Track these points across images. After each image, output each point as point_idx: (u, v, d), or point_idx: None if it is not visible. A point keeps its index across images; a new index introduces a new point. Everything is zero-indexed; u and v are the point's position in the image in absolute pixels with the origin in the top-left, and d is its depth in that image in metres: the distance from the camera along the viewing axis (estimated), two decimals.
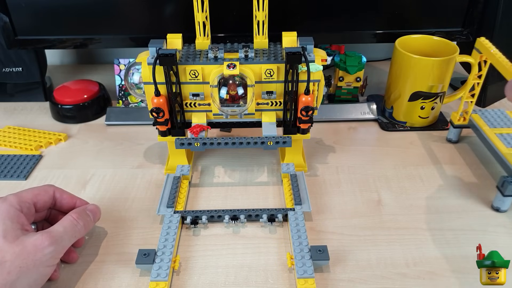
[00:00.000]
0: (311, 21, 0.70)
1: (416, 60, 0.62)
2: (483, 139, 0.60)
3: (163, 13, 0.69)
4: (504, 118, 0.62)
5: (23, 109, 0.79)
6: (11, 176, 0.61)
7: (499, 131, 0.59)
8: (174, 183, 0.56)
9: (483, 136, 0.60)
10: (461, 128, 0.65)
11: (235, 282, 0.45)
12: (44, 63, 0.83)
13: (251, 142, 0.53)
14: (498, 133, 0.58)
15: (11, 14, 0.68)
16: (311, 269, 0.44)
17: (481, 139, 0.61)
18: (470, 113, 0.63)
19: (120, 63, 0.77)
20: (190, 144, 0.53)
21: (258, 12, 0.51)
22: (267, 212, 0.52)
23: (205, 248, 0.49)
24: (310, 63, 0.50)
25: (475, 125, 0.62)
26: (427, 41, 0.67)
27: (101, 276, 0.46)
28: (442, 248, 0.49)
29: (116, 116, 0.74)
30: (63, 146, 0.69)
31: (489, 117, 0.63)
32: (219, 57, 0.51)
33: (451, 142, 0.67)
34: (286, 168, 0.59)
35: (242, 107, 0.53)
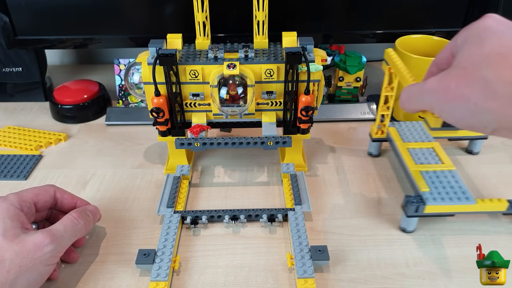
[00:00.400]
0: (311, 21, 0.70)
1: (416, 60, 0.62)
2: (396, 153, 0.58)
3: (163, 13, 0.69)
4: (420, 131, 0.60)
5: (23, 109, 0.79)
6: (11, 176, 0.61)
7: (413, 145, 0.57)
8: (174, 183, 0.56)
9: (396, 150, 0.58)
10: (379, 141, 0.63)
11: (235, 282, 0.45)
12: (44, 63, 0.83)
13: (251, 142, 0.53)
14: (411, 147, 0.57)
15: (11, 14, 0.68)
16: (311, 269, 0.44)
17: (395, 153, 0.59)
18: (387, 125, 0.61)
19: (120, 63, 0.77)
20: (190, 144, 0.53)
21: (258, 12, 0.51)
22: (267, 212, 0.52)
23: (205, 248, 0.49)
24: (310, 63, 0.50)
25: (391, 139, 0.60)
26: (427, 41, 0.67)
27: (101, 276, 0.46)
28: (442, 248, 0.49)
29: (116, 116, 0.74)
30: (63, 146, 0.69)
31: (405, 130, 0.61)
32: (219, 57, 0.51)
33: (372, 156, 0.64)
34: (286, 168, 0.59)
35: (242, 107, 0.53)
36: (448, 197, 0.48)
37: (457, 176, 0.51)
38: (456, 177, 0.51)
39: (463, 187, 0.50)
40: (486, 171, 0.61)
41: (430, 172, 0.52)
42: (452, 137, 0.64)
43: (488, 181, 0.59)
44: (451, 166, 0.53)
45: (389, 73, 0.55)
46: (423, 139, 0.59)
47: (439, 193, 0.49)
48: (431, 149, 0.57)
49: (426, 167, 0.53)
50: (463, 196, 0.48)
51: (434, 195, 0.49)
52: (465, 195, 0.48)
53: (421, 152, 0.56)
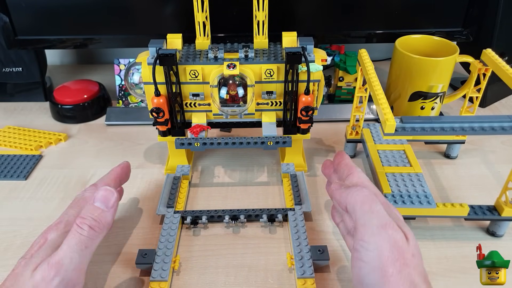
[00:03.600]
0: (311, 21, 0.70)
1: (416, 60, 0.62)
2: (367, 155, 0.58)
3: (163, 13, 0.69)
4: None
5: (23, 109, 0.79)
6: (11, 176, 0.61)
7: (383, 147, 0.57)
8: (174, 183, 0.56)
9: (367, 152, 0.58)
10: (353, 142, 0.63)
11: (235, 282, 0.45)
12: (44, 63, 0.83)
13: (251, 142, 0.53)
14: (382, 149, 0.57)
15: (11, 14, 0.68)
16: (311, 269, 0.44)
17: (366, 155, 0.59)
18: (361, 126, 0.61)
19: (120, 63, 0.77)
20: (190, 144, 0.53)
21: (258, 12, 0.51)
22: (267, 212, 0.52)
23: (205, 248, 0.49)
24: (310, 63, 0.50)
25: (363, 140, 0.60)
26: (427, 41, 0.67)
27: (101, 276, 0.46)
28: (442, 248, 0.49)
29: (116, 116, 0.74)
30: (63, 146, 0.69)
31: (379, 132, 0.61)
32: (219, 57, 0.51)
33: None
34: (286, 168, 0.59)
35: (242, 107, 0.53)
36: (409, 200, 0.48)
37: (423, 180, 0.51)
38: (422, 181, 0.51)
39: (426, 191, 0.50)
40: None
41: (396, 175, 0.52)
42: (428, 141, 0.64)
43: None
44: (419, 169, 0.53)
45: (362, 74, 0.55)
46: (395, 141, 0.59)
47: (401, 196, 0.49)
48: (401, 152, 0.57)
49: (393, 169, 0.53)
50: (425, 200, 0.48)
51: (396, 197, 0.49)
52: (427, 199, 0.48)
53: (391, 154, 0.56)
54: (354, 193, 0.38)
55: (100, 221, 0.40)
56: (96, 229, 0.39)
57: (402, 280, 0.32)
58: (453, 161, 0.63)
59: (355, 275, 0.36)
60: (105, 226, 0.40)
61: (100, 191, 0.41)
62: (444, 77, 0.63)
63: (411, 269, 0.33)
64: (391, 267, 0.33)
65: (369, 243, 0.35)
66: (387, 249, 0.34)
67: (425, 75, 0.63)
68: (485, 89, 0.59)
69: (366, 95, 0.57)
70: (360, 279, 0.35)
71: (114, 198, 0.41)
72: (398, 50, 0.64)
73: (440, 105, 0.67)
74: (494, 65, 0.53)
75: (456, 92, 0.69)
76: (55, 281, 0.35)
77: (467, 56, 0.62)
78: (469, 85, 0.60)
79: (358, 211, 0.37)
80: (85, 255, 0.38)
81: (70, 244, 0.37)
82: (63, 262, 0.36)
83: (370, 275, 0.34)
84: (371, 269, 0.34)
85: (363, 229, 0.36)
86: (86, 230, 0.38)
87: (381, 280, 0.33)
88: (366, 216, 0.36)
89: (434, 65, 0.62)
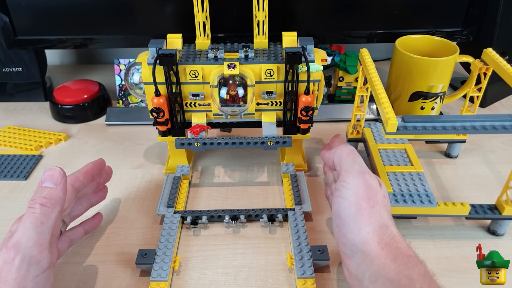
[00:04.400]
0: (311, 21, 0.70)
1: (416, 60, 0.62)
2: (368, 154, 0.58)
3: (163, 13, 0.69)
4: None
5: (23, 109, 0.79)
6: (11, 176, 0.61)
7: (385, 146, 0.57)
8: (174, 183, 0.56)
9: (368, 151, 0.58)
10: (355, 142, 0.63)
11: (235, 282, 0.45)
12: (44, 63, 0.83)
13: (251, 142, 0.53)
14: (383, 148, 0.57)
15: (11, 14, 0.68)
16: (311, 269, 0.44)
17: (367, 154, 0.59)
18: (362, 126, 0.61)
19: (120, 63, 0.77)
20: (190, 144, 0.53)
21: (258, 12, 0.51)
22: (267, 212, 0.52)
23: (205, 248, 0.49)
24: (310, 63, 0.50)
25: (365, 139, 0.60)
26: (427, 41, 0.67)
27: (101, 276, 0.46)
28: (442, 248, 0.49)
29: (116, 116, 0.74)
30: (63, 146, 0.69)
31: (380, 131, 0.61)
32: (219, 57, 0.51)
33: None
34: (286, 168, 0.59)
35: (242, 107, 0.53)
36: (411, 199, 0.48)
37: (424, 179, 0.51)
38: (423, 180, 0.51)
39: (428, 190, 0.50)
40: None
41: (397, 174, 0.52)
42: (429, 140, 0.64)
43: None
44: (420, 168, 0.53)
45: (363, 74, 0.55)
46: (396, 140, 0.59)
47: (402, 195, 0.49)
48: (403, 151, 0.57)
49: (394, 168, 0.53)
50: (426, 198, 0.48)
51: (397, 196, 0.49)
52: (428, 198, 0.48)
53: (393, 154, 0.56)
54: (340, 148, 0.45)
55: (50, 197, 0.40)
56: (48, 205, 0.39)
57: (373, 214, 0.39)
58: (453, 160, 0.64)
59: (334, 210, 0.41)
60: (57, 201, 0.40)
61: (45, 172, 0.41)
62: (444, 77, 0.63)
63: (381, 206, 0.40)
64: (365, 203, 0.39)
65: (349, 183, 0.41)
66: (363, 189, 0.40)
67: (425, 75, 0.63)
68: (485, 89, 0.59)
69: (367, 94, 0.57)
70: (339, 212, 0.41)
71: (61, 175, 0.41)
72: (398, 50, 0.64)
73: (440, 105, 0.67)
74: (495, 65, 0.53)
75: (456, 92, 0.69)
76: (17, 260, 0.36)
77: (467, 56, 0.62)
78: (469, 85, 0.60)
79: (343, 160, 0.44)
80: (43, 231, 0.38)
81: (25, 224, 0.38)
82: (20, 242, 0.37)
83: (347, 208, 0.40)
84: (349, 204, 0.40)
85: (345, 173, 0.42)
86: (38, 208, 0.39)
87: (356, 212, 0.39)
88: (349, 164, 0.43)
89: (434, 65, 0.61)
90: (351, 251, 0.38)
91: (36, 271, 0.37)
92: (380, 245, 0.37)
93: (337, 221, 0.41)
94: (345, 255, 0.39)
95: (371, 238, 0.37)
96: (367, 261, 0.36)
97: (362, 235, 0.38)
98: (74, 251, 0.49)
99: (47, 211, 0.39)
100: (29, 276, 0.36)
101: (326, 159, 0.47)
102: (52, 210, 0.39)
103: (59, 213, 0.40)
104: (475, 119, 0.42)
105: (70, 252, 0.48)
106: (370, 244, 0.37)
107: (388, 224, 0.38)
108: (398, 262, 0.35)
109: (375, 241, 0.37)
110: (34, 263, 0.37)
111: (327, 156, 0.47)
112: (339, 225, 0.40)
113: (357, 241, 0.38)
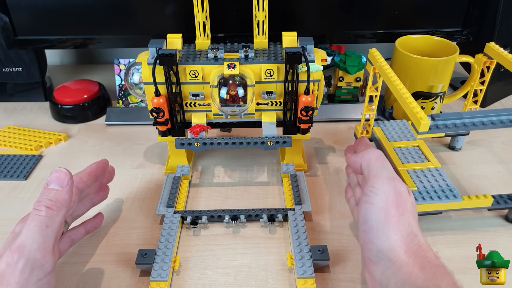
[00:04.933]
0: (311, 21, 0.70)
1: (416, 60, 0.62)
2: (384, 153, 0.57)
3: (163, 13, 0.69)
4: (405, 130, 0.60)
5: (23, 109, 0.79)
6: (11, 176, 0.61)
7: (398, 144, 0.58)
8: (174, 183, 0.56)
9: (382, 150, 0.58)
10: None
11: (235, 282, 0.45)
12: (44, 63, 0.83)
13: (251, 142, 0.53)
14: (397, 146, 0.57)
15: (11, 14, 0.68)
16: (311, 269, 0.44)
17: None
18: (372, 125, 0.61)
19: (120, 63, 0.77)
20: (190, 144, 0.53)
21: (258, 12, 0.51)
22: (267, 212, 0.52)
23: (205, 248, 0.49)
24: (310, 63, 0.50)
25: (376, 138, 0.60)
26: (427, 41, 0.67)
27: (101, 276, 0.46)
28: (442, 248, 0.49)
29: (116, 116, 0.74)
30: (63, 146, 0.69)
31: (390, 129, 0.61)
32: (219, 57, 0.51)
33: None
34: (286, 168, 0.59)
35: (242, 107, 0.53)
36: (436, 195, 0.49)
37: (444, 174, 0.52)
38: (443, 175, 0.52)
39: (450, 184, 0.50)
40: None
41: (417, 171, 0.53)
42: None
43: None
44: (437, 163, 0.54)
45: (373, 73, 0.55)
46: (408, 137, 0.59)
47: (427, 192, 0.49)
48: (416, 147, 0.57)
49: (412, 165, 0.54)
50: (450, 193, 0.49)
51: (422, 194, 0.49)
52: (452, 193, 0.49)
53: (407, 151, 0.56)
54: (369, 152, 0.44)
55: (56, 199, 0.39)
56: (53, 208, 0.39)
57: (402, 221, 0.38)
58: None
59: (362, 215, 0.40)
60: (62, 204, 0.39)
61: (52, 174, 0.41)
62: (444, 77, 0.63)
63: (409, 215, 0.39)
64: (394, 210, 0.38)
65: (378, 189, 0.40)
66: (393, 195, 0.39)
67: (425, 75, 0.63)
68: (486, 89, 0.59)
69: (377, 93, 0.57)
70: (366, 218, 0.40)
71: (67, 177, 0.41)
72: (398, 50, 0.64)
73: (440, 105, 0.67)
74: (499, 57, 0.53)
75: (456, 92, 0.69)
76: (20, 263, 0.35)
77: (467, 56, 0.62)
78: (469, 84, 0.60)
79: (372, 165, 0.43)
80: (48, 234, 0.38)
81: (30, 226, 0.37)
82: (25, 244, 0.36)
83: (375, 214, 0.39)
84: (377, 210, 0.39)
85: (375, 179, 0.41)
86: (43, 211, 0.38)
87: (385, 219, 0.38)
88: (378, 169, 0.42)
89: (434, 65, 0.62)
90: (377, 258, 0.38)
91: (39, 274, 0.37)
92: (407, 253, 0.36)
93: (364, 226, 0.40)
94: (370, 261, 0.39)
95: (398, 246, 0.36)
96: (393, 268, 0.36)
97: (389, 242, 0.37)
98: (74, 251, 0.49)
99: (52, 214, 0.38)
100: (32, 280, 0.36)
101: (353, 162, 0.46)
102: (57, 213, 0.39)
103: (64, 216, 0.40)
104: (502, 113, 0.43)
105: (70, 252, 0.48)
106: (397, 251, 0.36)
107: (416, 233, 0.38)
108: (426, 271, 0.35)
109: (403, 249, 0.36)
110: (37, 267, 0.37)
111: (353, 159, 0.46)
112: (366, 231, 0.39)
113: (384, 248, 0.37)
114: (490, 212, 0.53)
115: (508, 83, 0.78)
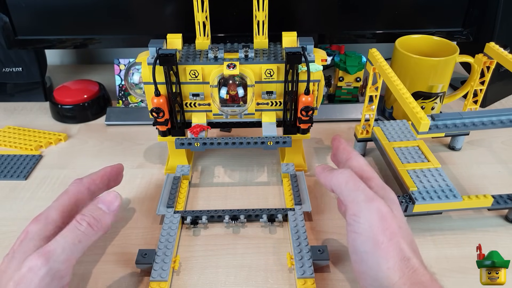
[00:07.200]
0: (311, 21, 0.70)
1: (416, 60, 0.62)
2: (382, 153, 0.58)
3: (163, 13, 0.69)
4: (405, 130, 0.60)
5: (23, 109, 0.79)
6: (11, 176, 0.61)
7: (398, 144, 0.57)
8: (174, 183, 0.56)
9: (382, 150, 0.58)
10: (364, 141, 0.63)
11: (235, 282, 0.45)
12: (44, 63, 0.83)
13: (251, 142, 0.53)
14: (397, 146, 0.57)
15: (11, 14, 0.68)
16: (311, 269, 0.44)
17: (381, 153, 0.59)
18: (372, 125, 0.61)
19: (120, 63, 0.77)
20: (190, 144, 0.53)
21: (258, 12, 0.51)
22: (267, 212, 0.52)
23: (205, 248, 0.49)
24: (310, 63, 0.50)
25: (376, 138, 0.60)
26: (427, 41, 0.67)
27: (101, 276, 0.46)
28: (442, 248, 0.49)
29: (116, 116, 0.74)
30: (63, 146, 0.69)
31: (390, 129, 0.61)
32: (219, 57, 0.51)
33: None
34: (286, 168, 0.59)
35: (242, 107, 0.53)
36: (436, 195, 0.49)
37: (444, 174, 0.52)
38: (443, 175, 0.52)
39: (450, 184, 0.50)
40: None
41: (417, 171, 0.53)
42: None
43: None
44: (437, 163, 0.54)
45: (373, 73, 0.55)
46: (408, 137, 0.59)
47: (427, 192, 0.49)
48: (416, 147, 0.57)
49: (412, 165, 0.54)
50: (450, 193, 0.49)
51: (422, 194, 0.49)
52: (452, 193, 0.49)
53: (407, 151, 0.56)
54: (337, 175, 0.41)
55: (99, 220, 0.40)
56: (94, 227, 0.39)
57: (392, 247, 0.36)
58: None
59: (351, 245, 0.39)
60: (103, 226, 0.40)
61: (105, 194, 0.42)
62: (444, 77, 0.63)
63: (399, 238, 0.36)
64: (381, 236, 0.36)
65: (360, 216, 0.38)
66: (376, 220, 0.37)
67: (425, 75, 0.63)
68: (486, 89, 0.59)
69: (377, 93, 0.57)
70: (355, 248, 0.38)
71: (118, 203, 0.42)
72: (398, 50, 0.64)
73: (440, 105, 0.67)
74: (499, 57, 0.53)
75: (456, 92, 0.69)
76: (42, 270, 0.35)
77: (467, 56, 0.62)
78: (469, 84, 0.60)
79: (344, 190, 0.40)
80: (77, 249, 0.38)
81: (65, 235, 0.37)
82: (54, 252, 0.36)
83: (363, 244, 0.37)
84: (364, 239, 0.37)
85: (352, 205, 0.39)
86: (84, 226, 0.38)
87: (373, 247, 0.36)
88: (352, 194, 0.39)
89: (434, 65, 0.62)
90: (373, 286, 0.37)
91: (57, 285, 0.36)
92: (402, 280, 0.35)
93: (354, 257, 0.39)
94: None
95: (392, 274, 0.35)
96: None
97: (383, 272, 0.36)
98: None
99: (90, 232, 0.39)
100: None
101: (323, 184, 0.44)
102: (95, 233, 0.39)
103: (99, 238, 0.40)
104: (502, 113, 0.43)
105: None
106: (391, 279, 0.35)
107: (409, 257, 0.36)
108: None
109: (397, 276, 0.35)
110: (57, 278, 0.36)
111: (323, 181, 0.43)
112: (357, 261, 0.38)
113: (378, 277, 0.36)
114: (490, 212, 0.53)
115: (508, 83, 0.78)
